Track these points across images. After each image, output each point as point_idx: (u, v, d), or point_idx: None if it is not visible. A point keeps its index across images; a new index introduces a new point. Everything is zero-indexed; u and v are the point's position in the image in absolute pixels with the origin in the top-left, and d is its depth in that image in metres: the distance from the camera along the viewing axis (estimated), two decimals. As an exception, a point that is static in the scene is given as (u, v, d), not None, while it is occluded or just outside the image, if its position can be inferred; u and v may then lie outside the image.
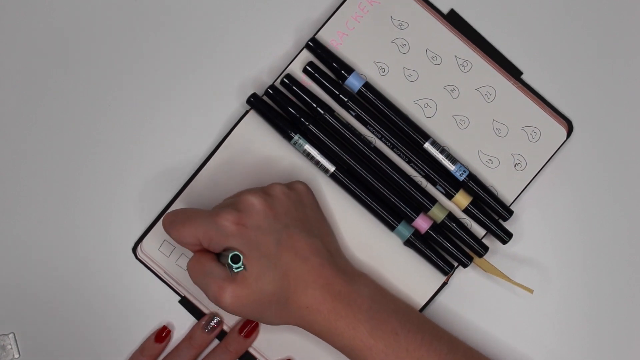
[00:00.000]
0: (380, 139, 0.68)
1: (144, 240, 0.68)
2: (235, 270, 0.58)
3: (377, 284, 0.65)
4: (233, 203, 0.62)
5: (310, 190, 0.66)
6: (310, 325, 0.62)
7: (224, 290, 0.59)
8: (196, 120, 0.69)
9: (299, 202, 0.64)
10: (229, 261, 0.58)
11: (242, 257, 0.58)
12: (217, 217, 0.60)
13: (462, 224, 0.67)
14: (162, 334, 0.68)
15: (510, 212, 0.67)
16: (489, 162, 0.69)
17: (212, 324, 0.67)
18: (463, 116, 0.69)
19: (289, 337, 0.68)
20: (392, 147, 0.67)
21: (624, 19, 0.71)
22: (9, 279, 0.69)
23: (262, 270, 0.60)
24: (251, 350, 0.68)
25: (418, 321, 0.63)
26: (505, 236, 0.68)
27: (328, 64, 0.68)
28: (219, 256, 0.62)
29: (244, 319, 0.67)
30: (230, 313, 0.60)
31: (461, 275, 0.69)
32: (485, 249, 0.67)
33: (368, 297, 0.62)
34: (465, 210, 0.67)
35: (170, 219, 0.62)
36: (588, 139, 0.70)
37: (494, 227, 0.67)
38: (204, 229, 0.60)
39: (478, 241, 0.67)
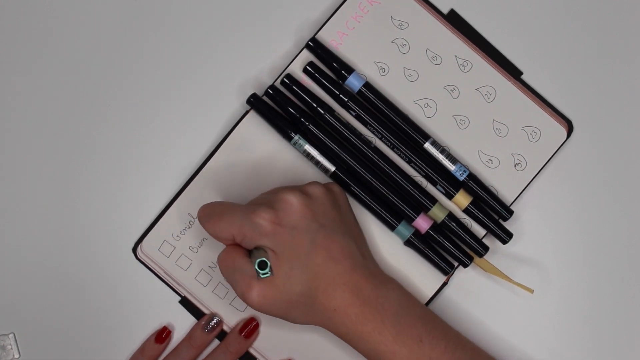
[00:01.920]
0: (380, 139, 0.68)
1: (144, 241, 0.68)
2: (262, 276, 0.59)
3: (405, 289, 0.64)
4: (270, 201, 0.61)
5: (344, 192, 0.66)
6: (336, 327, 0.61)
7: (251, 289, 0.60)
8: (196, 120, 0.69)
9: (335, 203, 0.64)
10: (256, 266, 0.59)
11: (269, 263, 0.59)
12: (254, 214, 0.60)
13: (463, 224, 0.67)
14: (162, 335, 0.68)
15: (511, 212, 0.67)
16: (489, 162, 0.68)
17: (212, 324, 0.67)
18: (463, 116, 0.69)
19: (290, 337, 0.68)
20: (392, 147, 0.67)
21: (624, 19, 0.71)
22: (9, 279, 0.69)
23: (293, 271, 0.60)
24: (251, 350, 0.68)
25: (443, 329, 0.63)
26: (505, 236, 0.68)
27: (328, 64, 0.68)
28: (250, 253, 0.62)
29: (271, 316, 0.65)
30: (256, 311, 0.61)
31: (461, 275, 0.69)
32: (486, 248, 0.67)
33: (395, 302, 0.62)
34: (466, 210, 0.67)
35: (206, 211, 0.62)
36: (588, 139, 0.70)
37: (494, 227, 0.67)
38: (239, 225, 0.60)
39: (478, 241, 0.67)
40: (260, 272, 0.59)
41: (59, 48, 0.70)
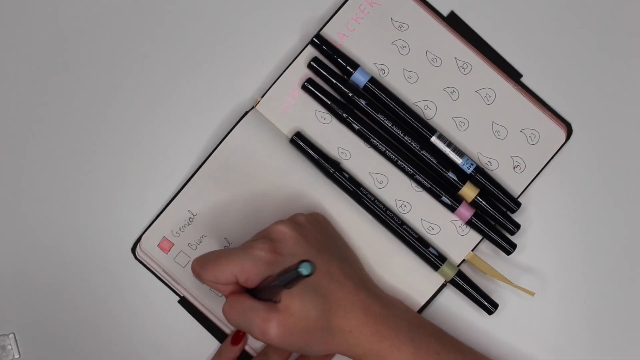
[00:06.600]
0: (387, 132, 0.68)
1: (143, 237, 0.68)
2: (306, 273, 0.51)
3: (410, 308, 0.65)
4: (263, 235, 0.62)
5: (328, 220, 0.66)
6: (353, 350, 0.61)
7: (269, 322, 0.58)
8: (195, 120, 0.69)
9: (324, 230, 0.64)
10: (299, 268, 0.51)
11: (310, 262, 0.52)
12: (251, 249, 0.59)
13: (472, 282, 0.67)
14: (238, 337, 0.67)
15: (518, 204, 0.67)
16: (488, 164, 0.69)
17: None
18: (463, 118, 0.69)
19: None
20: (400, 142, 0.67)
21: (624, 20, 0.71)
22: (9, 279, 0.68)
23: (304, 296, 0.59)
24: (247, 349, 0.68)
25: (457, 343, 0.63)
26: (509, 247, 0.68)
27: (333, 60, 0.68)
28: (254, 293, 0.60)
29: (291, 352, 0.65)
30: (277, 346, 0.59)
31: (461, 275, 0.69)
32: (495, 305, 0.67)
33: (406, 319, 0.62)
34: (473, 203, 0.67)
35: (201, 261, 0.61)
36: (587, 141, 0.70)
37: (497, 238, 0.68)
38: (239, 262, 0.59)
39: (487, 298, 0.67)
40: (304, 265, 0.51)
41: (61, 48, 0.70)
